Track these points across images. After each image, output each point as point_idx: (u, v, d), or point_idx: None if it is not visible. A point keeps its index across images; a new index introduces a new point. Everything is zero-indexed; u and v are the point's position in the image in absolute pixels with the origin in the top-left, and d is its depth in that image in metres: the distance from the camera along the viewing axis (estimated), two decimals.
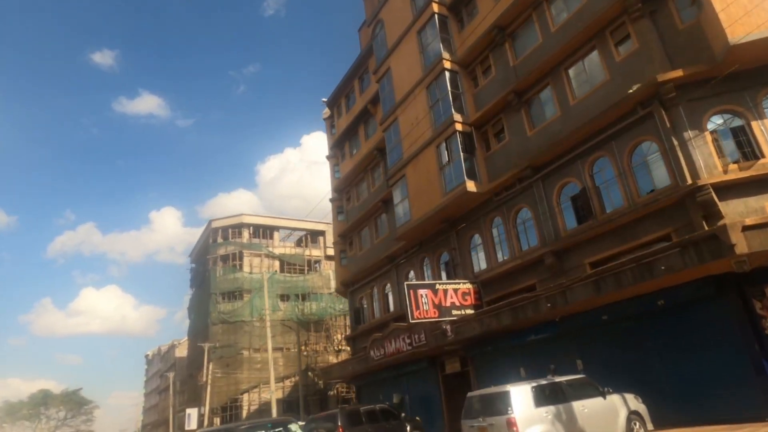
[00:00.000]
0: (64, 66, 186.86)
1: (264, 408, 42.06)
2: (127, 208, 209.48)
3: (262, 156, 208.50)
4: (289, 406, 43.62)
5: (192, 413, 37.64)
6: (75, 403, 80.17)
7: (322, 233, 51.44)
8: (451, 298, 14.36)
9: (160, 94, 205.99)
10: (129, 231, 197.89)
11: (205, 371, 40.81)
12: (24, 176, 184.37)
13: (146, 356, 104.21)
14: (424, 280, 18.67)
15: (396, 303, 19.89)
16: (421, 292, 13.86)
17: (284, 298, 46.76)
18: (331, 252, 50.57)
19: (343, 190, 25.37)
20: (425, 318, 13.75)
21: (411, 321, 13.74)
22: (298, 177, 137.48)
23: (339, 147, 25.95)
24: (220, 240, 47.37)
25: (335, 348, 47.05)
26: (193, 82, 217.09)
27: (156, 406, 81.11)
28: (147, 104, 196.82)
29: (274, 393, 27.71)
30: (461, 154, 15.61)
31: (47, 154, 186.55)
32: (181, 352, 67.94)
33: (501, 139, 15.86)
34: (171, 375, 52.51)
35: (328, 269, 49.93)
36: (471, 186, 15.31)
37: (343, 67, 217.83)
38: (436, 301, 14.04)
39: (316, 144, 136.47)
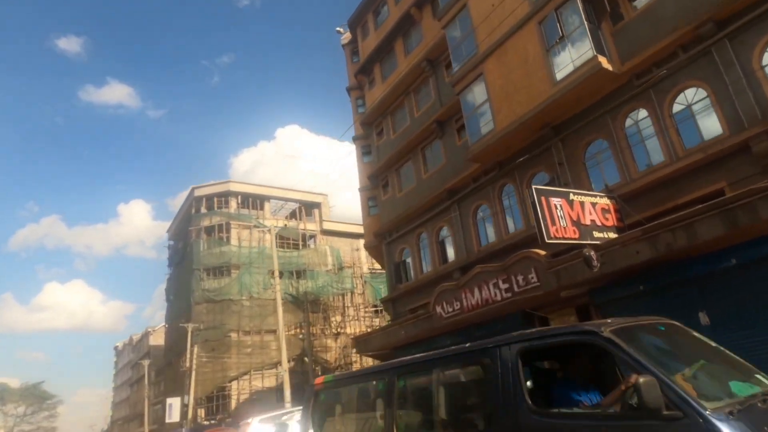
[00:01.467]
0: (28, 51, 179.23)
1: (256, 398, 37.02)
2: (94, 201, 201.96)
3: (236, 149, 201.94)
4: (283, 395, 38.67)
5: (174, 403, 32.40)
6: (36, 397, 73.13)
7: (317, 205, 46.48)
8: (590, 214, 9.89)
9: (130, 83, 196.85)
10: (96, 224, 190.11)
11: (188, 356, 35.48)
12: None
13: (115, 348, 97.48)
14: (502, 215, 14.19)
15: (458, 249, 15.35)
16: (555, 201, 9.33)
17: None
18: (328, 226, 45.72)
19: (373, 123, 20.58)
20: (563, 238, 9.27)
21: (546, 241, 9.20)
22: (273, 171, 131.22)
23: (365, 73, 21.13)
24: (204, 210, 41.93)
25: (334, 331, 42.26)
26: (164, 71, 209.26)
27: (127, 400, 74.78)
28: (116, 93, 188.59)
29: (286, 372, 22.84)
30: (585, 23, 11.12)
31: (8, 143, 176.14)
32: (156, 340, 62.08)
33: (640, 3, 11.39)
34: (146, 363, 46.83)
35: (325, 245, 45.04)
36: (604, 62, 10.83)
37: (320, 58, 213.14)
38: (574, 217, 9.58)
39: (291, 137, 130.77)
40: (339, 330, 42.51)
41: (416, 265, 17.38)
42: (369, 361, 37.06)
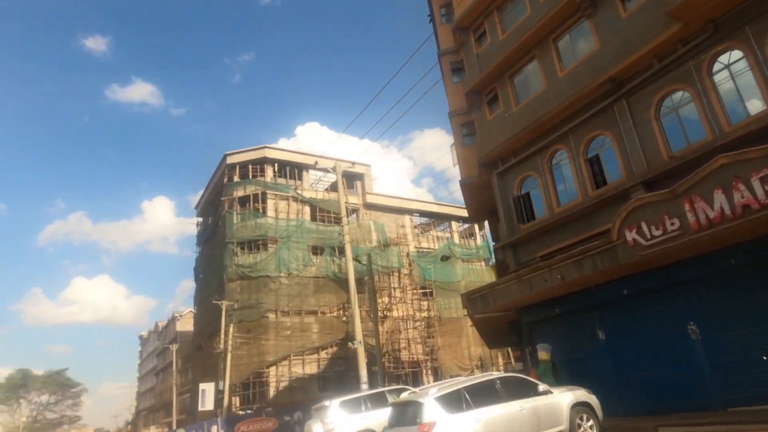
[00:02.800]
0: (56, 51, 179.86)
1: (296, 385, 33.05)
2: (119, 198, 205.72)
3: (256, 146, 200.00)
4: (326, 383, 34.63)
5: (207, 389, 28.49)
6: (59, 385, 70.81)
7: (359, 177, 42.25)
8: None
9: (154, 82, 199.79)
10: (120, 221, 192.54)
11: (222, 336, 31.60)
12: (14, 163, 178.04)
13: (140, 336, 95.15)
14: (717, 99, 9.50)
15: (631, 161, 10.63)
16: None
17: (316, 251, 37.58)
18: (372, 199, 41.44)
19: (469, 28, 16.06)
20: None
21: None
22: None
23: None
24: (237, 179, 38.00)
25: (380, 314, 37.93)
26: (187, 69, 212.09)
27: (152, 390, 71.90)
28: (140, 92, 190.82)
29: (361, 344, 18.63)
30: None
31: (37, 141, 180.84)
32: (183, 325, 58.76)
33: None
34: (174, 347, 43.23)
35: (368, 219, 40.78)
36: None
37: (340, 56, 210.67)
38: None
39: (311, 134, 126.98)
40: (385, 313, 38.25)
41: (549, 197, 12.82)
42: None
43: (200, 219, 47.17)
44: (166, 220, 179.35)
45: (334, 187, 41.49)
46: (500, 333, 15.38)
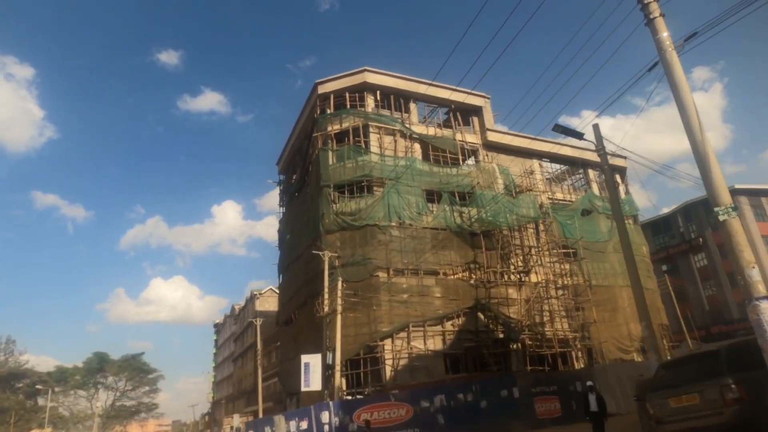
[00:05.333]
0: (134, 66, 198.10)
1: (418, 364, 25.22)
2: (191, 202, 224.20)
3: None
4: (454, 362, 26.58)
5: (312, 362, 21.09)
6: (135, 369, 67.24)
7: (477, 111, 33.92)
8: None
9: (222, 91, 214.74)
10: (193, 224, 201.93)
11: (326, 296, 24.31)
12: (101, 172, 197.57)
13: (215, 325, 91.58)
14: None
15: None
16: None
17: (432, 198, 29.60)
18: (492, 138, 32.97)
19: None
20: None
21: None
22: None
23: None
24: (330, 111, 30.72)
25: (517, 275, 29.46)
26: (252, 77, 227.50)
27: (230, 378, 66.92)
28: (209, 101, 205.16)
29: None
30: None
31: (118, 151, 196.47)
32: (263, 305, 52.73)
33: None
34: (257, 321, 36.67)
35: (489, 162, 32.31)
36: None
37: (395, 58, 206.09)
38: None
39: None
40: (522, 277, 29.68)
41: None
42: None
43: (282, 176, 40.61)
44: (235, 223, 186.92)
45: (447, 122, 33.42)
46: None
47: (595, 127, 12.33)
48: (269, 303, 52.44)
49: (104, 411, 64.48)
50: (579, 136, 12.27)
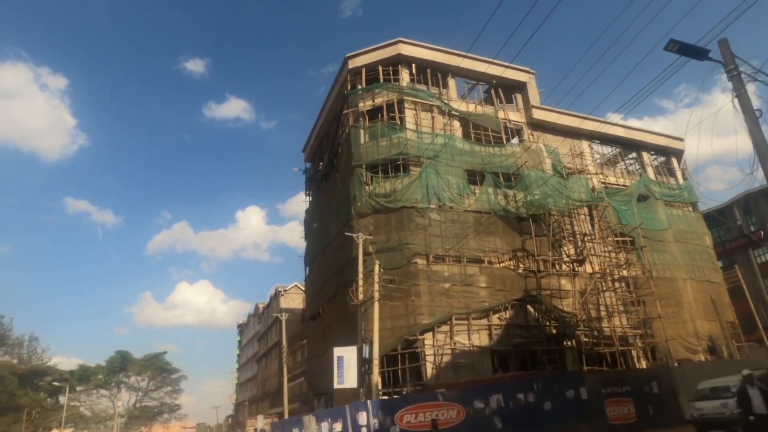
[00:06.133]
0: (162, 74, 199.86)
1: (462, 361, 22.45)
2: (216, 208, 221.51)
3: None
4: (502, 360, 23.70)
5: (346, 357, 18.50)
6: (158, 369, 65.77)
7: (521, 87, 31.09)
8: None
9: (246, 98, 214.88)
10: (218, 229, 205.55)
11: (360, 283, 21.79)
12: (129, 178, 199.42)
13: (239, 325, 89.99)
14: None
15: None
16: None
17: (473, 178, 26.86)
18: (538, 115, 30.07)
19: None
20: None
21: None
22: None
23: None
24: (362, 87, 28.28)
25: (570, 264, 26.48)
26: (275, 84, 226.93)
27: (253, 379, 64.88)
28: (234, 108, 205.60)
29: None
30: None
31: (146, 159, 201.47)
32: (288, 302, 50.51)
33: None
34: (283, 316, 34.32)
35: (535, 142, 29.37)
36: None
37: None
38: None
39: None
40: (575, 267, 26.66)
41: None
42: None
43: (308, 164, 38.37)
44: (258, 228, 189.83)
45: (488, 99, 30.66)
46: None
47: (723, 42, 9.48)
48: (294, 300, 50.21)
49: (127, 411, 63.19)
50: (703, 53, 9.46)
